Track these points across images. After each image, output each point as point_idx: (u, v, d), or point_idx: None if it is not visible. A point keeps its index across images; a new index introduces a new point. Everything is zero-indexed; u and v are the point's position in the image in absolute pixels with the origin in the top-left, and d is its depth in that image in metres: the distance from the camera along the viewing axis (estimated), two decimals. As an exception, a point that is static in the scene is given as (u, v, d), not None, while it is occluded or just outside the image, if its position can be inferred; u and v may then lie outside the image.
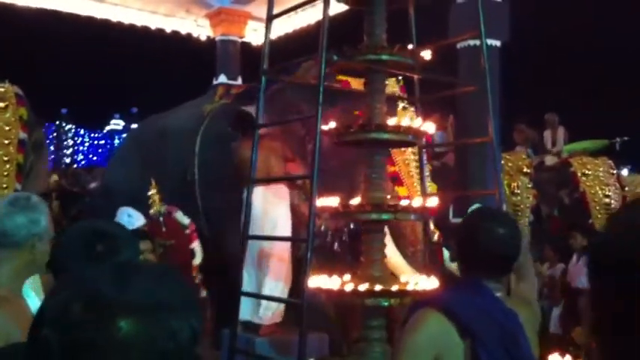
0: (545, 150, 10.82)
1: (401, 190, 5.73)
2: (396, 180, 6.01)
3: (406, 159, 6.28)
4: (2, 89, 5.92)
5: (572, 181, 9.16)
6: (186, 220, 5.76)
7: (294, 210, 5.58)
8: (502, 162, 8.38)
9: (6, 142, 5.75)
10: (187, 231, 5.70)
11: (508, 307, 2.03)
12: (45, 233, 2.15)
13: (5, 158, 5.74)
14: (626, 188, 9.56)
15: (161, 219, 5.73)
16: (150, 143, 7.42)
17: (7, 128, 5.77)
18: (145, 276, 0.95)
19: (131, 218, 5.17)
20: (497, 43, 8.23)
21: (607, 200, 9.00)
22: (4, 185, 5.69)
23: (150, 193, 5.78)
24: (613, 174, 9.25)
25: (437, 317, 1.98)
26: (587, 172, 9.16)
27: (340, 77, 5.55)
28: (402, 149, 6.05)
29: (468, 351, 1.93)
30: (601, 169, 9.22)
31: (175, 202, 6.19)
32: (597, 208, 9.00)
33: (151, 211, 5.67)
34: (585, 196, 9.06)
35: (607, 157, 9.59)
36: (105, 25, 11.26)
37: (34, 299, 2.20)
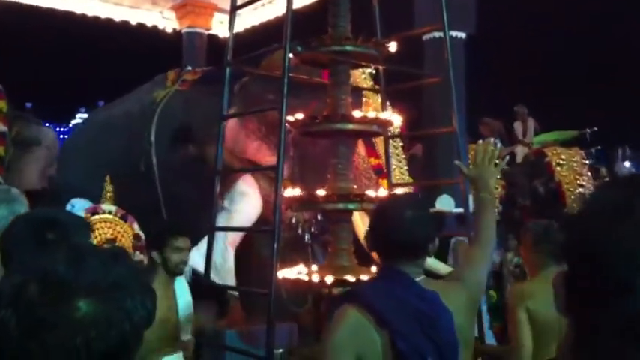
0: (517, 140, 10.95)
1: (385, 183, 5.73)
2: (380, 173, 6.01)
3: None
4: None
5: (547, 171, 9.25)
6: (142, 233, 5.44)
7: (266, 200, 5.57)
8: (471, 153, 8.48)
9: None
10: (139, 243, 5.39)
11: (427, 290, 2.01)
12: None
13: None
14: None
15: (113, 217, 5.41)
16: (95, 135, 7.22)
17: None
18: (99, 257, 0.95)
19: (73, 209, 5.03)
20: (462, 35, 8.32)
21: (581, 190, 9.12)
22: None
23: (105, 190, 5.45)
24: (585, 164, 9.39)
25: (354, 313, 1.95)
26: (561, 162, 9.26)
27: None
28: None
29: (387, 343, 1.90)
30: (574, 159, 9.35)
31: (124, 193, 6.02)
32: (572, 197, 9.12)
33: (103, 207, 5.38)
34: (561, 186, 9.16)
35: (578, 148, 9.73)
36: (69, 16, 11.08)
37: None
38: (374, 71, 5.60)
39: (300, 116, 3.94)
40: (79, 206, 5.19)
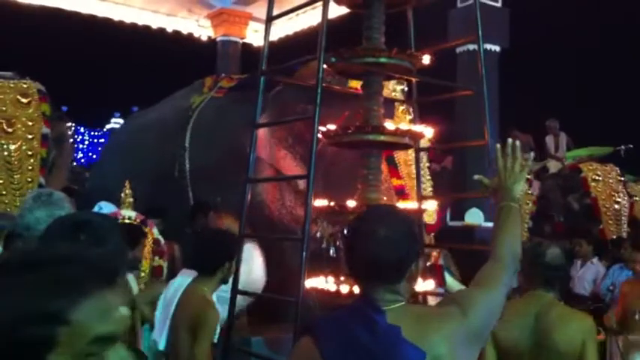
0: (549, 155, 10.82)
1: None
2: (402, 193, 6.01)
3: (411, 173, 6.29)
4: (25, 86, 6.07)
5: (583, 187, 9.10)
6: (161, 237, 5.41)
7: (290, 212, 5.60)
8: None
9: (30, 136, 5.95)
10: (159, 247, 5.43)
11: (386, 325, 1.72)
12: None
13: (29, 152, 5.95)
14: (636, 198, 9.52)
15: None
16: (132, 140, 7.31)
17: (30, 123, 5.95)
18: None
19: (101, 210, 5.10)
20: (496, 48, 8.30)
21: (617, 207, 8.96)
22: (29, 179, 5.90)
23: (123, 194, 5.50)
24: (621, 180, 9.24)
25: (306, 345, 1.80)
26: (597, 177, 9.12)
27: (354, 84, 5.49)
28: (407, 159, 6.07)
29: None
30: (610, 175, 9.21)
31: (159, 198, 6.10)
32: (607, 214, 8.96)
33: (122, 212, 5.41)
34: (596, 202, 9.00)
35: (613, 164, 9.58)
36: (106, 23, 11.32)
37: None
38: (406, 88, 5.61)
39: (332, 126, 3.97)
40: (106, 209, 5.27)
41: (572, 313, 3.05)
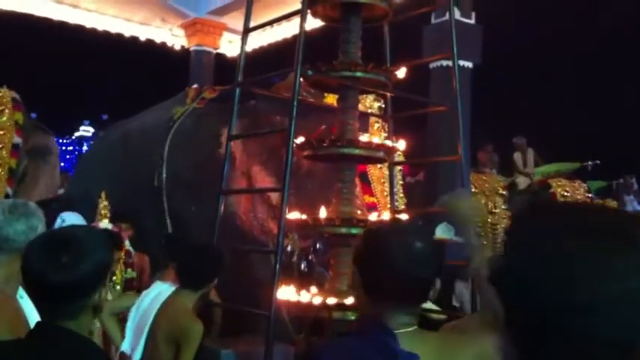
0: (518, 171, 10.97)
1: None
2: (373, 210, 6.06)
3: (384, 190, 6.34)
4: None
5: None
6: (132, 249, 5.37)
7: (262, 224, 5.58)
8: (479, 182, 8.54)
9: None
10: (130, 260, 5.38)
11: (404, 353, 1.52)
12: None
13: None
14: None
15: None
16: (114, 149, 7.29)
17: (1, 132, 5.76)
18: None
19: (63, 223, 4.99)
20: (469, 64, 8.40)
21: None
22: None
23: (100, 205, 5.42)
24: (588, 197, 9.42)
25: None
26: (565, 194, 9.30)
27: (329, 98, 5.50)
28: (381, 176, 6.11)
29: None
30: (578, 191, 9.39)
31: (141, 208, 6.05)
32: None
33: (100, 225, 5.32)
34: None
35: (581, 180, 9.76)
36: (78, 30, 11.18)
37: (27, 301, 2.22)
38: (383, 105, 5.66)
39: (302, 139, 3.97)
40: (69, 220, 5.13)
41: None
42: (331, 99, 5.35)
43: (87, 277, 1.63)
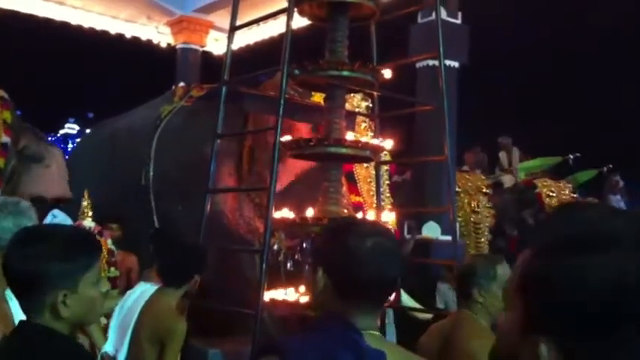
0: (503, 170, 11.02)
1: None
2: (359, 210, 6.06)
3: (370, 189, 6.34)
4: None
5: (538, 202, 9.32)
6: (114, 248, 5.26)
7: (248, 223, 5.56)
8: (463, 181, 8.58)
9: None
10: (113, 258, 5.34)
11: (371, 349, 1.52)
12: None
13: None
14: None
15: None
16: (102, 147, 7.24)
17: None
18: None
19: (55, 219, 4.96)
20: (455, 64, 8.42)
21: None
22: None
23: (83, 204, 5.28)
24: (574, 197, 9.51)
25: None
26: (551, 194, 9.37)
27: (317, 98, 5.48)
28: (367, 175, 6.12)
29: None
30: (563, 192, 9.48)
31: (129, 207, 6.03)
32: None
33: (84, 223, 5.26)
34: None
35: (569, 173, 9.85)
36: (64, 27, 11.09)
37: (16, 302, 2.19)
38: (371, 105, 5.66)
39: (288, 137, 3.97)
40: (60, 217, 5.10)
41: None
42: (318, 98, 5.34)
43: (42, 274, 1.59)
